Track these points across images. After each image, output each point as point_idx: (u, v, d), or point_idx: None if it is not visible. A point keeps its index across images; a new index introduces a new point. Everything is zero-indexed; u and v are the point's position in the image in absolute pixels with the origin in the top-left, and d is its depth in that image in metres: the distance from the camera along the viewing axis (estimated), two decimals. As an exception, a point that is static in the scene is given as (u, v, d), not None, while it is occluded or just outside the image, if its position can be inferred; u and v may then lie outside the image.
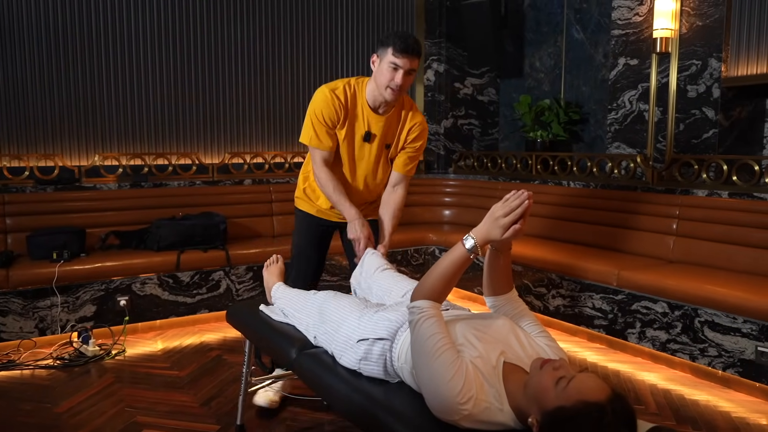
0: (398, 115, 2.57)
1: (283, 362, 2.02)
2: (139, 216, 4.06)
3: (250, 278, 3.97)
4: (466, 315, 1.70)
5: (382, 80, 2.38)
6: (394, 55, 2.32)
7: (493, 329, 1.56)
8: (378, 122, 2.53)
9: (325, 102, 2.47)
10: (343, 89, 2.48)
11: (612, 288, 3.37)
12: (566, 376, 1.31)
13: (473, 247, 1.49)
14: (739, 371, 2.82)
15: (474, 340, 1.50)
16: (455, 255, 1.52)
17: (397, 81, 2.35)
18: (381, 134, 2.55)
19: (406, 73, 2.35)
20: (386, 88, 2.39)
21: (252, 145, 4.79)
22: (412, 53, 2.33)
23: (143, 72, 4.32)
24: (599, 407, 1.22)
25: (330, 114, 2.47)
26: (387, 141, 2.59)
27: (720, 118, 3.69)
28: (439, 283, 1.54)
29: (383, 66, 2.37)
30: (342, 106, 2.48)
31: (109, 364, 3.24)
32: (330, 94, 2.47)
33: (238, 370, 3.13)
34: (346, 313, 1.90)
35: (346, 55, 5.11)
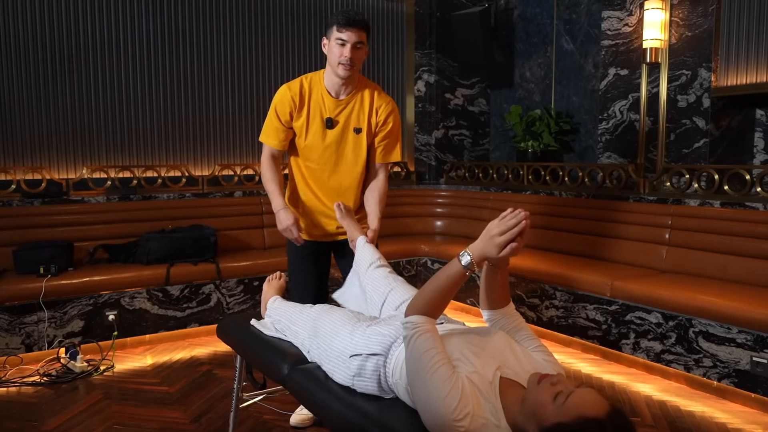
0: (362, 98, 2.51)
1: (274, 378, 1.98)
2: (128, 229, 4.01)
3: (240, 291, 3.92)
4: (462, 329, 1.67)
5: (333, 59, 2.37)
6: (339, 30, 2.32)
7: (490, 344, 1.54)
8: (338, 107, 2.49)
9: (279, 97, 2.49)
10: (300, 82, 2.49)
11: (605, 298, 3.35)
12: (564, 391, 1.29)
13: (469, 264, 1.48)
14: (735, 382, 2.81)
15: (470, 355, 1.47)
16: (451, 271, 1.50)
17: (346, 55, 2.33)
18: (344, 119, 2.50)
19: (353, 47, 2.33)
20: (338, 65, 2.36)
21: (242, 157, 4.76)
22: (356, 25, 2.31)
23: (131, 83, 4.29)
24: (599, 423, 1.20)
25: (282, 108, 2.47)
26: (355, 125, 2.51)
27: (711, 127, 3.70)
28: (435, 299, 1.51)
29: (332, 45, 2.37)
30: (297, 98, 2.46)
31: (98, 381, 3.18)
32: (285, 89, 2.48)
33: (228, 385, 3.08)
34: (339, 326, 1.87)
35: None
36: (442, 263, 4.50)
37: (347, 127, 2.51)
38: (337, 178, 2.56)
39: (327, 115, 2.48)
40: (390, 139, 2.57)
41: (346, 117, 2.50)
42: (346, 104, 2.49)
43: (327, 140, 2.50)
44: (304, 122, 2.49)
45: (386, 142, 2.56)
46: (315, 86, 2.49)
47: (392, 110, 2.55)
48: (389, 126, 2.54)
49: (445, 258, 4.48)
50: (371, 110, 2.52)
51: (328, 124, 2.48)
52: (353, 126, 2.51)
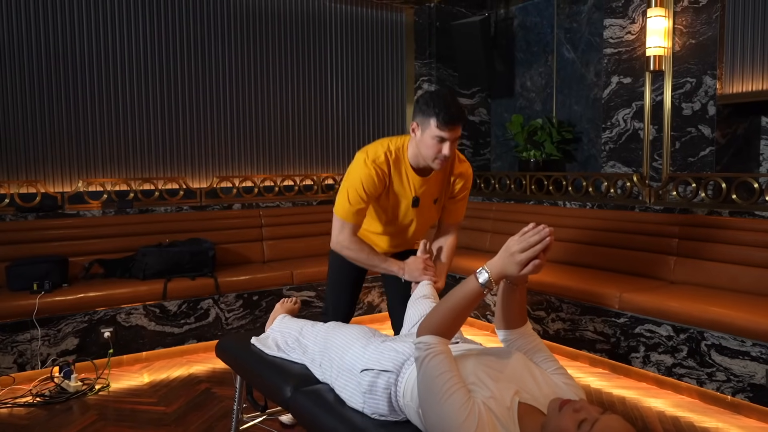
0: (444, 170, 2.42)
1: (276, 400, 1.90)
2: (124, 243, 3.93)
3: (240, 306, 3.84)
4: (477, 350, 1.59)
5: (429, 153, 2.22)
6: (439, 128, 2.15)
7: (507, 367, 1.46)
8: (424, 184, 2.38)
9: (368, 177, 2.29)
10: (386, 159, 2.32)
11: (614, 311, 3.28)
12: (589, 419, 1.22)
13: (487, 282, 1.40)
14: (750, 396, 2.73)
15: (486, 378, 1.40)
16: (467, 289, 1.42)
17: (445, 153, 2.19)
18: (427, 193, 2.42)
19: (452, 142, 2.20)
20: (434, 160, 2.23)
21: (241, 169, 4.69)
22: (458, 122, 2.17)
23: (128, 95, 4.22)
24: None
25: (371, 189, 2.31)
26: (434, 197, 2.46)
27: (717, 135, 3.64)
28: (449, 318, 1.43)
29: (427, 138, 2.20)
30: (385, 177, 2.33)
31: (92, 401, 3.08)
32: (373, 168, 2.29)
33: (228, 404, 2.99)
34: (352, 340, 1.80)
35: (335, 77, 5.05)
36: (448, 276, 4.42)
37: (428, 200, 2.45)
38: (406, 234, 2.55)
39: (414, 194, 2.39)
40: (463, 202, 2.55)
41: (430, 192, 2.43)
42: (430, 181, 2.40)
43: (410, 216, 2.46)
44: (389, 201, 2.41)
45: (459, 204, 2.55)
46: (401, 163, 2.35)
47: (469, 177, 2.51)
48: (464, 193, 2.52)
49: (449, 271, 4.39)
50: (449, 181, 2.47)
51: (414, 204, 2.41)
52: (433, 198, 2.47)
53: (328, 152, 5.08)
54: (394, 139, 2.38)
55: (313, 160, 5.01)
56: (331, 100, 5.05)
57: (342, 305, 2.60)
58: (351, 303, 2.64)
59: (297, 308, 2.48)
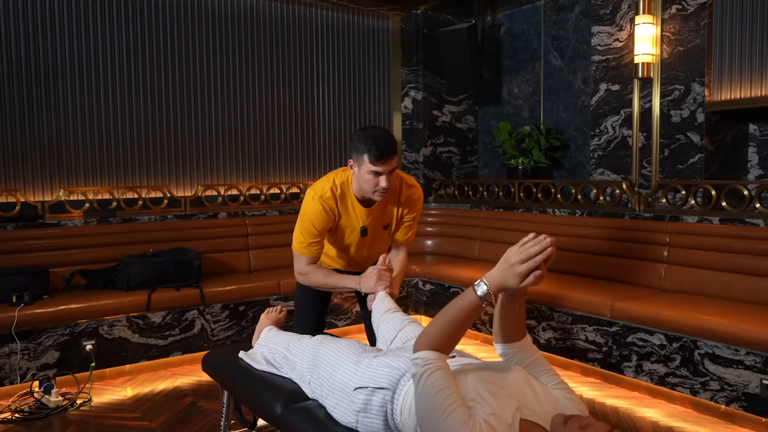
0: (391, 196, 2.47)
1: (266, 417, 1.84)
2: (106, 253, 3.83)
3: (226, 317, 3.76)
4: (475, 365, 1.54)
5: (368, 187, 2.30)
6: (372, 163, 2.22)
7: (507, 382, 1.41)
8: (370, 215, 2.45)
9: (316, 213, 2.38)
10: (332, 194, 2.39)
11: (606, 319, 3.25)
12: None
13: (486, 294, 1.34)
14: (744, 406, 2.71)
15: (487, 395, 1.35)
16: (465, 302, 1.37)
17: (382, 185, 2.26)
18: (375, 223, 2.49)
19: (389, 175, 2.26)
20: (374, 193, 2.30)
21: (226, 177, 4.62)
22: (389, 156, 2.23)
23: (110, 101, 4.13)
24: None
25: (320, 225, 2.39)
26: (384, 223, 2.52)
27: (705, 142, 3.65)
28: (446, 332, 1.38)
29: (364, 173, 2.27)
30: (333, 213, 2.41)
31: (74, 416, 2.98)
32: (320, 203, 2.37)
33: (214, 418, 2.91)
34: (342, 357, 1.74)
35: (321, 85, 5.00)
36: (434, 284, 4.38)
37: (377, 227, 2.51)
38: (364, 258, 2.60)
39: (361, 225, 2.46)
40: (412, 222, 2.61)
41: (377, 221, 2.49)
42: (376, 210, 2.46)
43: (361, 243, 2.52)
44: (339, 230, 2.48)
45: (408, 224, 2.60)
46: (347, 197, 2.42)
47: (418, 200, 2.56)
48: (414, 214, 2.58)
49: (436, 278, 4.36)
50: (398, 207, 2.52)
51: (363, 233, 2.47)
52: (382, 224, 2.52)
53: (314, 160, 5.02)
54: (340, 173, 2.45)
55: (299, 168, 4.95)
56: (318, 107, 5.00)
57: (308, 324, 2.62)
58: (319, 320, 2.67)
59: (283, 317, 2.42)
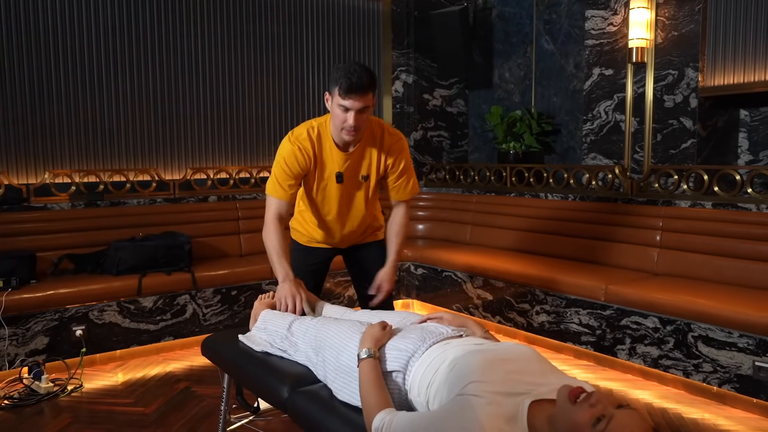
0: (371, 144, 2.39)
1: (272, 402, 1.81)
2: (95, 237, 3.76)
3: (218, 302, 3.72)
4: (484, 349, 1.53)
5: (337, 123, 2.22)
6: (341, 96, 2.14)
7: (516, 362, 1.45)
8: (348, 159, 2.35)
9: (289, 153, 2.30)
10: (308, 136, 2.31)
11: (599, 303, 3.27)
12: (606, 415, 1.18)
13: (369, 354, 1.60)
14: (736, 387, 2.75)
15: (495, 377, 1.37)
16: (364, 370, 1.58)
17: (349, 122, 2.17)
18: (353, 170, 2.39)
19: (358, 112, 2.17)
20: (341, 130, 2.22)
21: (215, 160, 4.55)
22: (359, 91, 2.12)
23: (95, 82, 4.03)
24: None
25: (293, 165, 2.31)
26: (362, 173, 2.41)
27: (698, 128, 3.67)
28: (376, 394, 1.52)
29: (334, 108, 2.20)
30: (308, 155, 2.31)
31: (65, 402, 2.94)
32: (294, 144, 2.30)
33: (209, 403, 2.89)
34: (345, 339, 1.73)
35: (311, 68, 4.93)
36: (426, 268, 4.38)
37: (354, 177, 2.40)
38: (347, 219, 2.50)
39: (338, 170, 2.35)
40: (404, 177, 2.47)
41: (354, 168, 2.38)
42: (354, 155, 2.36)
43: (339, 194, 2.41)
44: (316, 178, 2.38)
45: (400, 181, 2.47)
46: (324, 139, 2.33)
47: (401, 149, 2.44)
48: (400, 166, 2.44)
49: (428, 263, 4.36)
50: (379, 156, 2.40)
51: (339, 179, 2.37)
52: (361, 174, 2.41)
53: (304, 143, 4.96)
54: (319, 118, 2.38)
55: (289, 151, 4.89)
56: (307, 89, 4.93)
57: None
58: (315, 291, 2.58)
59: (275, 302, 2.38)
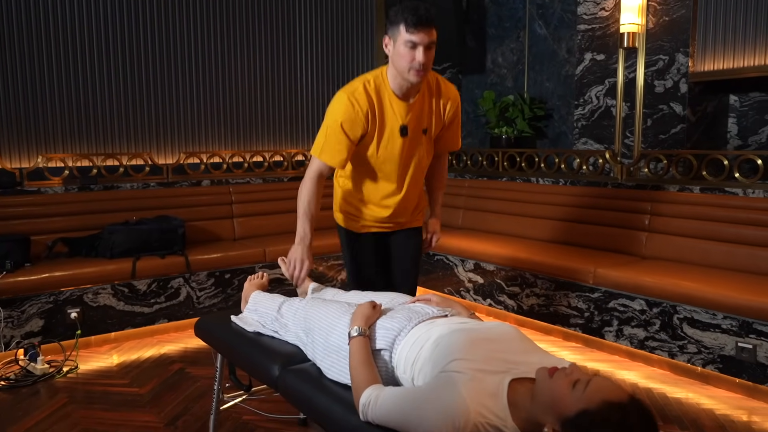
0: (429, 93, 2.25)
1: (263, 380, 1.86)
2: (89, 221, 3.78)
3: (211, 285, 3.75)
4: (468, 329, 1.57)
5: (403, 63, 2.06)
6: (408, 32, 2.01)
7: (497, 342, 1.49)
8: (410, 111, 2.21)
9: (346, 111, 2.13)
10: (364, 90, 2.15)
11: (588, 286, 3.32)
12: (582, 379, 1.26)
13: (359, 332, 1.63)
14: (719, 367, 2.81)
15: (478, 355, 1.41)
16: (354, 348, 1.61)
17: (419, 59, 2.02)
18: (415, 123, 2.24)
19: (426, 48, 2.04)
20: (409, 71, 2.06)
21: (208, 144, 4.56)
22: (427, 24, 2.01)
23: (90, 66, 4.03)
24: (622, 407, 1.18)
25: (352, 126, 2.14)
26: (423, 126, 2.27)
27: (688, 113, 3.70)
28: (365, 371, 1.55)
29: (399, 47, 2.05)
30: (369, 112, 2.15)
31: (61, 383, 2.98)
32: (351, 100, 2.13)
33: (204, 384, 2.93)
34: (333, 320, 1.77)
35: (304, 51, 4.92)
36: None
37: (417, 130, 2.25)
38: (406, 182, 2.34)
39: (401, 123, 2.20)
40: (455, 129, 2.40)
41: (417, 120, 2.24)
42: (415, 106, 2.22)
43: (401, 151, 2.24)
44: (376, 136, 2.21)
45: (452, 132, 2.39)
46: (383, 92, 2.18)
47: (457, 99, 2.34)
48: (456, 118, 2.37)
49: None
50: (438, 107, 2.28)
51: (403, 133, 2.21)
52: (422, 127, 2.27)
53: (297, 128, 4.97)
54: (372, 72, 2.24)
55: (282, 136, 4.90)
56: (300, 74, 4.94)
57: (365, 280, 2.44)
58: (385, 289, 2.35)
59: (266, 283, 2.40)
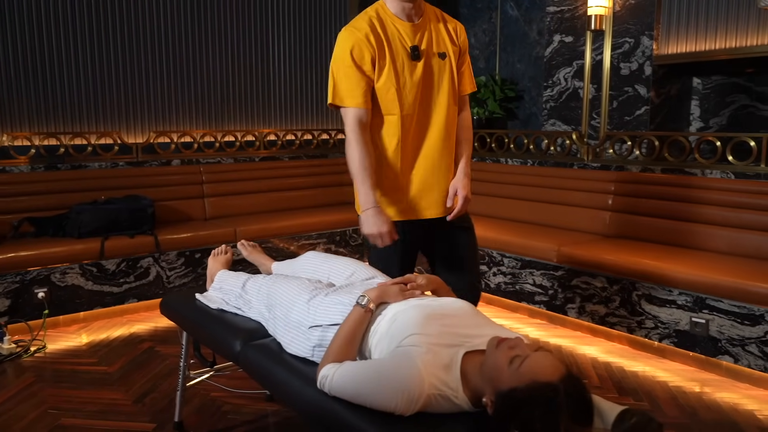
0: (435, 19, 2.07)
1: (226, 355, 1.89)
2: (56, 200, 3.75)
3: (181, 264, 3.76)
4: (425, 305, 1.62)
5: None
6: None
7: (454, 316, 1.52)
8: (417, 31, 2.00)
9: (349, 41, 1.95)
10: (366, 18, 1.99)
11: (552, 264, 3.40)
12: (521, 355, 1.29)
13: (367, 302, 1.58)
14: (674, 342, 2.92)
15: (432, 330, 1.46)
16: (350, 316, 1.58)
17: None
18: (427, 44, 2.02)
19: None
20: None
21: (179, 124, 4.52)
22: None
23: (56, 41, 3.96)
24: (552, 387, 1.19)
25: (360, 54, 1.94)
26: (439, 49, 2.04)
27: (652, 95, 3.77)
28: (343, 343, 1.54)
29: None
30: (372, 37, 1.95)
31: (28, 363, 2.98)
32: (352, 31, 1.96)
33: (172, 362, 2.96)
34: (294, 296, 1.80)
35: (278, 32, 4.89)
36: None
37: (431, 53, 2.03)
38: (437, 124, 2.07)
39: (411, 44, 1.99)
40: (467, 64, 2.17)
41: (428, 42, 2.02)
42: (423, 27, 2.02)
43: (417, 74, 2.00)
44: (389, 63, 1.97)
45: (465, 68, 2.15)
46: (384, 17, 2.00)
47: (464, 31, 2.15)
48: (466, 47, 2.15)
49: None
50: (449, 31, 2.07)
51: (414, 54, 1.99)
52: (437, 51, 2.04)
53: (270, 108, 4.96)
54: (371, 6, 2.07)
55: (255, 116, 4.89)
56: (273, 53, 4.91)
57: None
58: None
59: (230, 257, 2.42)
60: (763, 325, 2.63)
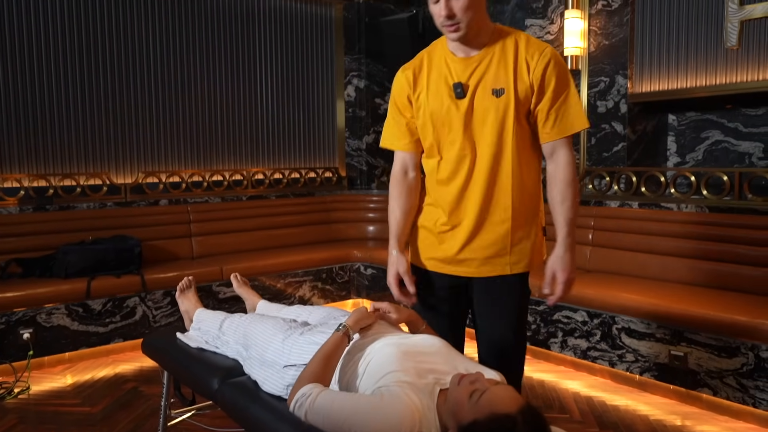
0: (503, 49, 1.77)
1: (204, 393, 1.91)
2: (43, 241, 3.78)
3: (167, 303, 3.78)
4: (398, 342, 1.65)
5: (437, 22, 1.73)
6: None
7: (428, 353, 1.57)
8: (469, 67, 1.76)
9: (396, 80, 1.88)
10: (420, 55, 1.88)
11: (534, 299, 3.43)
12: (480, 389, 1.33)
13: (345, 329, 1.66)
14: (655, 375, 2.94)
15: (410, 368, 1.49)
16: (329, 340, 1.64)
17: (442, 14, 1.68)
18: (477, 80, 1.75)
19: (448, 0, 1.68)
20: (443, 28, 1.72)
21: (167, 164, 4.59)
22: None
23: (45, 83, 4.05)
24: (510, 419, 1.24)
25: (399, 92, 1.86)
26: (494, 86, 1.74)
27: (628, 132, 3.88)
28: (320, 366, 1.57)
29: (431, 7, 1.74)
30: (414, 72, 1.84)
31: (11, 404, 2.97)
32: (402, 69, 1.88)
33: (155, 402, 2.96)
34: (270, 335, 1.85)
35: (264, 71, 5.01)
36: (376, 268, 4.50)
37: (484, 90, 1.75)
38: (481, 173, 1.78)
39: (454, 80, 1.77)
40: (560, 101, 1.74)
41: (480, 77, 1.75)
42: (480, 61, 1.76)
43: (460, 114, 1.76)
44: (424, 103, 1.81)
45: (555, 106, 1.74)
46: (437, 51, 1.84)
47: (551, 59, 1.73)
48: (552, 82, 1.73)
49: (378, 263, 4.48)
50: (517, 63, 1.74)
51: (458, 92, 1.76)
52: (491, 87, 1.75)
53: (258, 147, 5.04)
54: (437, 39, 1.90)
55: (242, 155, 4.97)
56: (261, 94, 5.02)
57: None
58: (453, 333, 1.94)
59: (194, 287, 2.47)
60: (739, 357, 2.67)
